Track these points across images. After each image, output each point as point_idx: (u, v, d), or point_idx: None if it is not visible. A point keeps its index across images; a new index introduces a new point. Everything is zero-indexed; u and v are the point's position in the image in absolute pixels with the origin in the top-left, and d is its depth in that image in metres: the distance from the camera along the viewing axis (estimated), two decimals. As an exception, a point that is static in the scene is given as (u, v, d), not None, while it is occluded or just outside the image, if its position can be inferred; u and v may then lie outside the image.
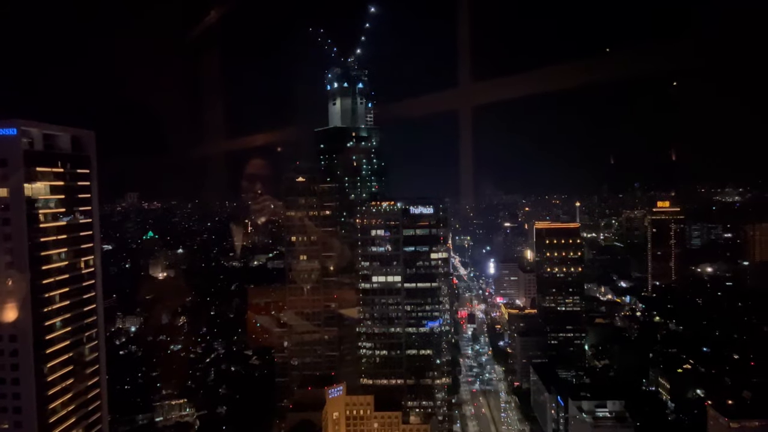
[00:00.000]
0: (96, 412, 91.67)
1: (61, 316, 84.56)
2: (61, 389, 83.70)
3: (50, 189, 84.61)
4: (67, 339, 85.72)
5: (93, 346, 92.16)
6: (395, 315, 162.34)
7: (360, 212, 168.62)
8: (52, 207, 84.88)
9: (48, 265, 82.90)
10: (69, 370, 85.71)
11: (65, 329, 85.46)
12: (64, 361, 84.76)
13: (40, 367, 79.54)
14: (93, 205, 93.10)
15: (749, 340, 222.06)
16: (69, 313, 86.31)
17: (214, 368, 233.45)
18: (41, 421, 78.70)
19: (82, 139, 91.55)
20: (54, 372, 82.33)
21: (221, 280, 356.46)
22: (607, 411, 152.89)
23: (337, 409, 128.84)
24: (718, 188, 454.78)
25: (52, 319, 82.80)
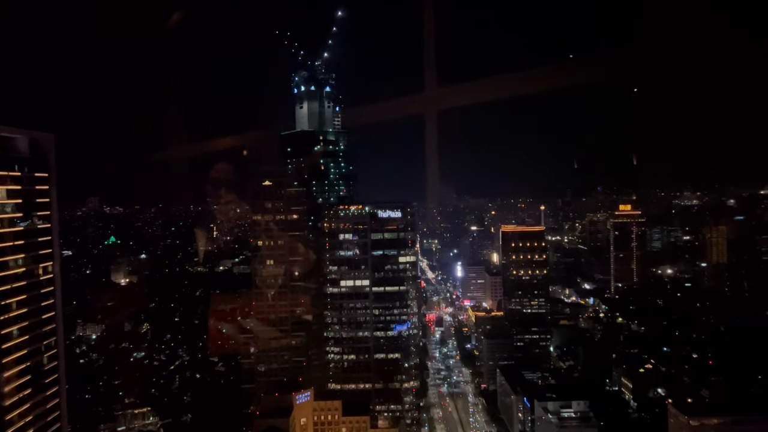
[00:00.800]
0: (55, 422, 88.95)
1: (18, 324, 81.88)
2: (18, 400, 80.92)
3: (6, 193, 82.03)
4: (24, 348, 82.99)
5: (52, 355, 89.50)
6: (363, 319, 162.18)
7: (328, 216, 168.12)
8: (9, 212, 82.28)
9: (4, 272, 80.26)
10: (26, 379, 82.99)
11: (22, 338, 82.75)
12: (21, 370, 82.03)
13: (-5, 378, 76.94)
14: (52, 209, 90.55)
15: (707, 340, 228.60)
16: (26, 321, 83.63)
17: (178, 375, 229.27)
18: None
19: (41, 142, 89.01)
20: (10, 382, 79.59)
21: (186, 285, 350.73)
22: (571, 411, 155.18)
23: (304, 415, 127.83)
24: (677, 192, 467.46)
25: (8, 327, 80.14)
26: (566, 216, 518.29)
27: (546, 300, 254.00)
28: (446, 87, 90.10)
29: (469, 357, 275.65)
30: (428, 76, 78.09)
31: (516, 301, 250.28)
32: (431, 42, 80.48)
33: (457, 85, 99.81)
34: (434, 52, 79.25)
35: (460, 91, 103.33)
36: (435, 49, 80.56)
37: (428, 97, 79.10)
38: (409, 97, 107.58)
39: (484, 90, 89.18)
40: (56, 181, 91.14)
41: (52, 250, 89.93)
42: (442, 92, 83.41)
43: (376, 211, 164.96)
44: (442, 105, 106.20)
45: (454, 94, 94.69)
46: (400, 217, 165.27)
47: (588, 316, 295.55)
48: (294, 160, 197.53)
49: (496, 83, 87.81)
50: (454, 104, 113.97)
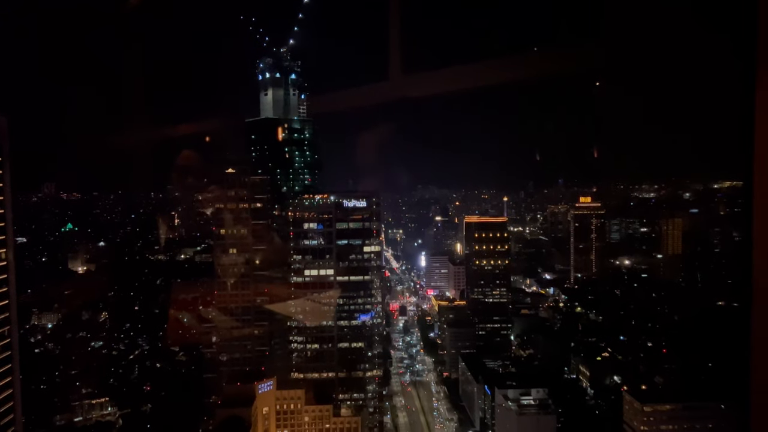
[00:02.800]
0: (8, 413, 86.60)
1: (-31, 313, 79.43)
2: (-31, 391, 78.67)
3: (-43, 177, 79.33)
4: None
5: (5, 345, 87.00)
6: (327, 308, 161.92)
7: (292, 205, 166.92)
8: (-41, 196, 79.61)
9: (-46, 259, 77.68)
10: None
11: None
12: (-28, 360, 79.69)
13: (-55, 368, 74.46)
14: (5, 195, 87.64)
15: (662, 329, 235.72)
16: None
17: (138, 365, 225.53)
18: (-54, 425, 73.85)
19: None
20: (-39, 373, 77.30)
21: (146, 274, 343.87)
22: (531, 399, 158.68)
23: (267, 404, 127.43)
24: (636, 185, 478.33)
25: (-42, 316, 77.69)
26: (528, 207, 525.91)
27: (507, 290, 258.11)
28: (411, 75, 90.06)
29: (431, 346, 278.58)
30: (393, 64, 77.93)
31: (478, 291, 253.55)
32: (397, 30, 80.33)
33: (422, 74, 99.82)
34: (399, 40, 79.16)
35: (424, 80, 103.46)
36: (400, 38, 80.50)
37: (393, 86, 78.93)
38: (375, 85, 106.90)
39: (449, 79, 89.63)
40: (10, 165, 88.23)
41: (5, 237, 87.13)
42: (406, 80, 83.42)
43: (342, 200, 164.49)
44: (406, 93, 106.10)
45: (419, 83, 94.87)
46: (366, 207, 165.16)
47: (548, 306, 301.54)
48: (258, 148, 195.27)
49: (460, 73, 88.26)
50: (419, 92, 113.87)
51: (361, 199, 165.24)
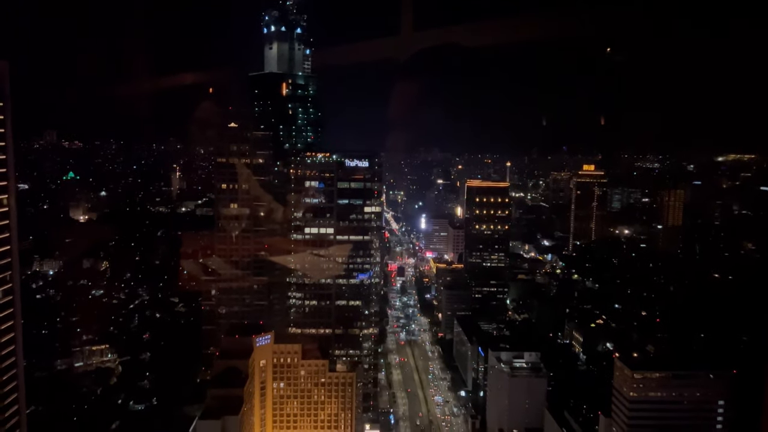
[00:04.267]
0: (10, 356, 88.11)
1: (-29, 258, 79.99)
2: (-28, 333, 79.88)
3: (-42, 121, 78.79)
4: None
5: (7, 289, 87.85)
6: (326, 266, 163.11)
7: (294, 162, 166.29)
8: (-39, 141, 79.19)
9: (-44, 203, 77.85)
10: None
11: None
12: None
13: (-53, 310, 75.48)
14: (7, 140, 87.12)
15: (657, 299, 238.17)
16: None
17: (138, 314, 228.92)
18: (-50, 365, 75.27)
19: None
20: (-36, 315, 78.36)
21: (147, 225, 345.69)
22: (523, 362, 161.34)
23: (264, 357, 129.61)
24: (640, 155, 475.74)
25: (-39, 260, 78.27)
26: (531, 173, 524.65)
27: (506, 255, 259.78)
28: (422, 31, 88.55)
29: (428, 307, 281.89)
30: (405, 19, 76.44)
31: (477, 255, 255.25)
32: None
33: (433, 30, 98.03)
34: (409, -3, 77.24)
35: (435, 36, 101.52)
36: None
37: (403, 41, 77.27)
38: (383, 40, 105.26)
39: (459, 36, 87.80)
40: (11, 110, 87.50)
41: (7, 182, 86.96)
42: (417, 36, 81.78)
43: (344, 159, 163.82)
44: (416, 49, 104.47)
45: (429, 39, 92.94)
46: (368, 167, 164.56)
47: (545, 272, 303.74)
48: (261, 103, 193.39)
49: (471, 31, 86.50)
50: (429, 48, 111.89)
51: (363, 159, 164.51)
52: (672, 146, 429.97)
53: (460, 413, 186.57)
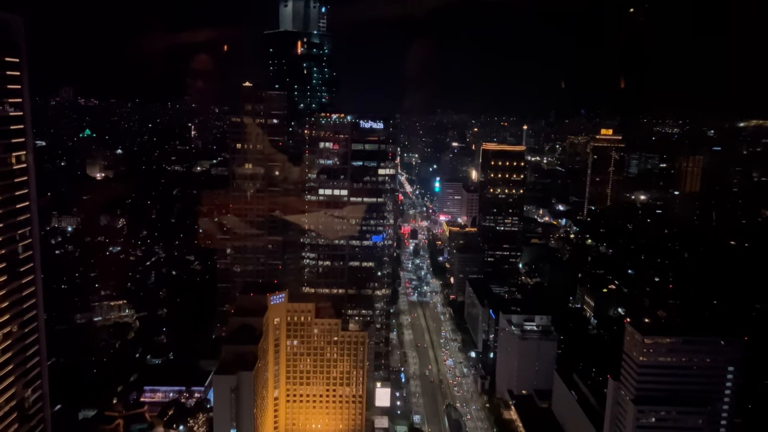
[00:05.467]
0: (31, 310, 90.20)
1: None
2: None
3: (-25, 77, 78.81)
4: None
5: (27, 245, 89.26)
6: (340, 228, 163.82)
7: (309, 123, 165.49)
8: (-22, 97, 79.40)
9: (-25, 159, 78.52)
10: (1, 267, 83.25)
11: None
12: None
13: (-30, 264, 77.00)
14: (24, 97, 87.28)
15: (670, 265, 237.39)
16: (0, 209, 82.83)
17: (154, 271, 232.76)
18: (-27, 317, 77.22)
19: (10, 25, 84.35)
20: (-15, 269, 79.87)
21: (162, 184, 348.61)
22: (534, 325, 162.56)
23: (278, 315, 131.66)
24: (660, 119, 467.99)
25: (-19, 215, 79.42)
26: (548, 137, 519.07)
27: (520, 219, 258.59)
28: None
29: (440, 269, 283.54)
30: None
31: (490, 219, 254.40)
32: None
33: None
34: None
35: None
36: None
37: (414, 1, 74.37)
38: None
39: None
40: (27, 67, 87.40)
41: (24, 139, 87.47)
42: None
43: (358, 121, 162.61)
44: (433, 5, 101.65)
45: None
46: (382, 129, 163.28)
47: (559, 237, 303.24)
48: (275, 62, 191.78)
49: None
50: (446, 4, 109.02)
51: (377, 120, 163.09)
52: (692, 111, 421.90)
53: (470, 374, 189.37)
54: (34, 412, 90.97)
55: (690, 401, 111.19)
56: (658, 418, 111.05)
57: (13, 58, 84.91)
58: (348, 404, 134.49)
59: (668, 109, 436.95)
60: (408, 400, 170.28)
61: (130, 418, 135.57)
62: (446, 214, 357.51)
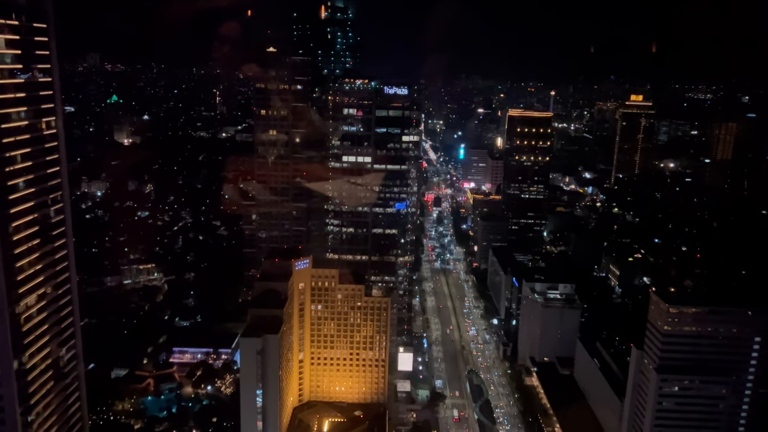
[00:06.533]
0: (64, 272, 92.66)
1: (23, 177, 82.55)
2: (28, 249, 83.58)
3: (5, 43, 79.42)
4: (31, 200, 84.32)
5: (58, 209, 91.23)
6: (363, 195, 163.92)
7: (332, 89, 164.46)
8: (9, 62, 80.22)
9: (7, 124, 79.71)
10: (35, 230, 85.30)
11: (29, 190, 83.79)
12: (29, 221, 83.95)
13: (4, 226, 78.96)
14: (52, 63, 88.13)
15: (699, 234, 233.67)
16: (32, 174, 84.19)
17: (181, 236, 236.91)
18: (8, 277, 79.55)
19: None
20: (19, 232, 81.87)
21: (188, 149, 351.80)
22: (557, 293, 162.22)
23: (302, 281, 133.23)
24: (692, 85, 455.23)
25: (14, 179, 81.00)
26: (576, 103, 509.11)
27: (545, 187, 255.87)
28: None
29: (463, 237, 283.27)
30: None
31: (515, 186, 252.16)
32: None
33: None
34: None
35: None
36: None
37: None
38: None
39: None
40: (55, 33, 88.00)
41: (54, 105, 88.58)
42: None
43: (382, 86, 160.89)
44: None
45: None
46: (407, 95, 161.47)
47: (585, 205, 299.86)
48: (299, 27, 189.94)
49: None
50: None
51: (402, 86, 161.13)
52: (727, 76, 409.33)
53: (492, 340, 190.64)
54: (69, 371, 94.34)
55: (714, 371, 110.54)
56: (681, 387, 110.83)
57: (41, 24, 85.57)
58: (371, 368, 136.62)
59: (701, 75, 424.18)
60: (430, 365, 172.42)
61: (159, 377, 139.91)
62: (470, 182, 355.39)
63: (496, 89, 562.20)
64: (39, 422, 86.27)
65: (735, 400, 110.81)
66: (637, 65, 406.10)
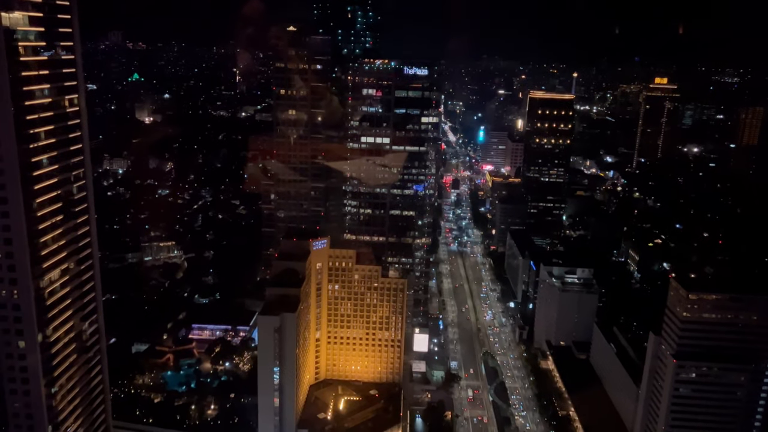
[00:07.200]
0: (86, 248, 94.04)
1: (47, 154, 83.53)
2: (51, 225, 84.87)
3: (29, 20, 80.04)
4: (54, 177, 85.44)
5: (81, 186, 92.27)
6: (381, 176, 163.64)
7: (352, 69, 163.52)
8: (32, 40, 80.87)
9: (31, 101, 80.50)
10: (58, 206, 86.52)
11: (52, 167, 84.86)
12: (52, 198, 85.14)
13: (29, 202, 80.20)
14: (75, 40, 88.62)
15: (721, 220, 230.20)
16: (55, 151, 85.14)
17: (201, 214, 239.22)
18: (33, 252, 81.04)
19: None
20: (43, 208, 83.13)
21: (208, 129, 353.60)
22: (575, 277, 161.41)
23: (320, 260, 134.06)
24: (719, 68, 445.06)
25: (38, 155, 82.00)
26: (599, 85, 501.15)
27: (565, 170, 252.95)
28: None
29: (481, 220, 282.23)
30: None
31: (535, 169, 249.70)
32: None
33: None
34: None
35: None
36: None
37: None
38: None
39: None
40: (77, 10, 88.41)
41: (76, 82, 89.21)
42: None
43: (402, 67, 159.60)
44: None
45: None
46: (426, 75, 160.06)
47: (605, 189, 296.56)
48: (319, 6, 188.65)
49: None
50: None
51: (422, 66, 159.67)
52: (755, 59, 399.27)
53: (508, 323, 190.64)
54: (91, 344, 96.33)
55: (733, 358, 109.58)
56: (698, 374, 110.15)
57: (64, 1, 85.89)
58: (387, 348, 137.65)
59: (729, 57, 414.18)
60: (445, 346, 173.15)
61: (179, 353, 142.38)
62: (490, 164, 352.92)
63: (517, 70, 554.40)
64: (62, 394, 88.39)
65: (754, 387, 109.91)
66: (662, 47, 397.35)
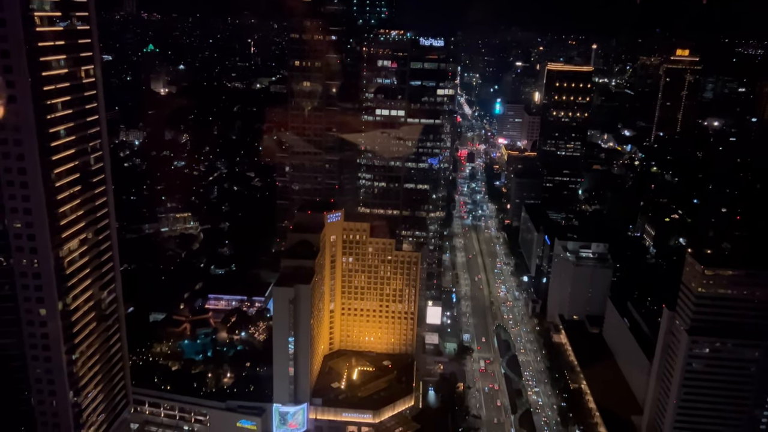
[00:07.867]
0: (104, 218, 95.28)
1: (64, 125, 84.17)
2: (69, 195, 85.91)
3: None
4: (71, 147, 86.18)
5: (98, 157, 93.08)
6: (396, 149, 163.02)
7: (367, 40, 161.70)
8: (48, 10, 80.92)
9: (48, 72, 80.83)
10: (76, 177, 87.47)
11: (69, 138, 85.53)
12: (70, 168, 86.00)
13: (47, 173, 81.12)
14: (90, 11, 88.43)
15: (740, 196, 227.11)
16: (72, 122, 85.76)
17: (216, 186, 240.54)
18: (52, 222, 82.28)
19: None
20: (61, 178, 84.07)
21: (223, 100, 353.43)
22: (590, 252, 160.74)
23: (334, 233, 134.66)
24: (743, 40, 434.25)
25: (55, 126, 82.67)
26: (618, 57, 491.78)
27: (582, 144, 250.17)
28: None
29: (496, 194, 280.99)
30: None
31: (551, 143, 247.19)
32: None
33: None
34: None
35: None
36: None
37: None
38: None
39: None
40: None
41: (92, 53, 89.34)
42: None
43: (418, 38, 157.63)
44: None
45: None
46: (442, 47, 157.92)
47: (622, 163, 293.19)
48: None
49: None
50: None
51: (438, 38, 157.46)
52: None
53: (521, 297, 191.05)
54: (110, 313, 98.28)
55: (748, 334, 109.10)
56: (712, 349, 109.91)
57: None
58: (400, 320, 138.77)
59: (753, 29, 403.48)
60: (458, 319, 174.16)
61: (195, 322, 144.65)
62: (505, 138, 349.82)
63: (535, 42, 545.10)
64: (83, 360, 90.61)
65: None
66: (685, 18, 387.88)
